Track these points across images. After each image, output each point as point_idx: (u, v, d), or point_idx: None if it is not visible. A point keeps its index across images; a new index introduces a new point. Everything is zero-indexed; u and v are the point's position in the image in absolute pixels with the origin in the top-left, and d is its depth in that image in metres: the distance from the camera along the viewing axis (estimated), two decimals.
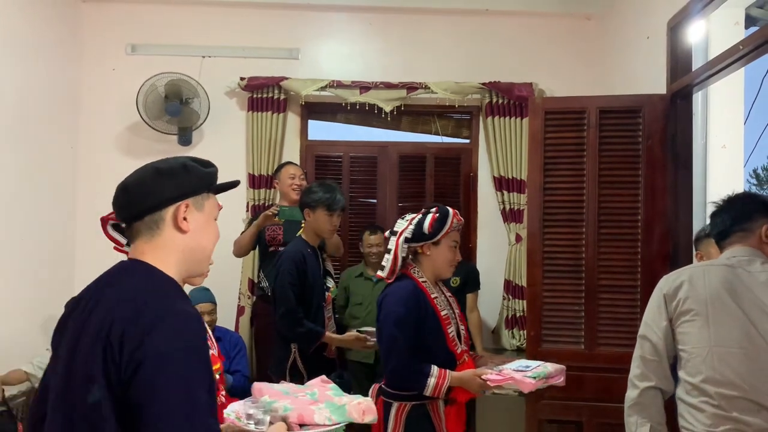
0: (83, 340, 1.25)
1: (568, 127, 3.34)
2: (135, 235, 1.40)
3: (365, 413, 1.87)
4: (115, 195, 1.43)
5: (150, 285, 1.31)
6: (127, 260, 1.40)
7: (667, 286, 2.17)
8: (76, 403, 1.22)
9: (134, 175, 1.43)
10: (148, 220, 1.38)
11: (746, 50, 2.67)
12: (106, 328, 1.21)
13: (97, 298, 1.31)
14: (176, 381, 1.18)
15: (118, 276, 1.36)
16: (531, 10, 4.72)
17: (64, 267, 4.51)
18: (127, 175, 1.45)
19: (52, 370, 1.33)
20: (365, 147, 4.90)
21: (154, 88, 4.42)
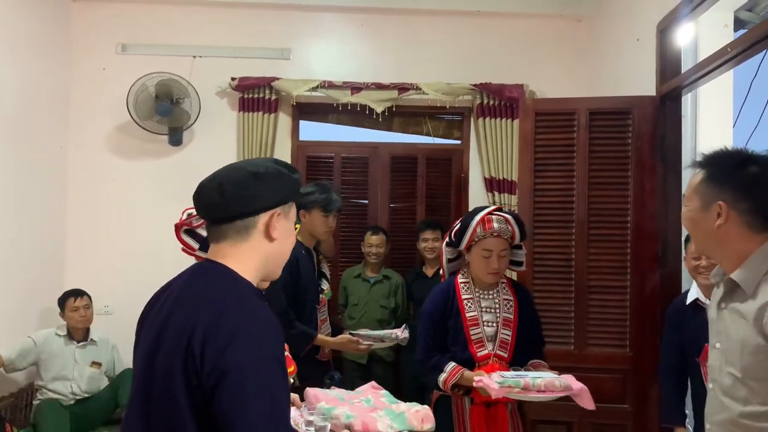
0: (164, 341, 1.25)
1: (559, 129, 3.36)
2: (220, 237, 1.36)
3: (424, 421, 1.88)
4: (204, 193, 1.36)
5: (231, 290, 1.29)
6: (208, 261, 1.37)
7: None
8: (155, 399, 1.23)
9: (228, 175, 1.35)
10: (239, 225, 1.34)
11: (735, 52, 2.69)
12: (187, 332, 1.21)
13: (176, 298, 1.31)
14: (262, 392, 1.18)
15: (198, 278, 1.35)
16: (522, 11, 4.73)
17: (54, 265, 4.49)
18: (214, 173, 1.39)
19: (134, 364, 1.37)
20: (357, 148, 4.90)
21: (145, 88, 4.40)
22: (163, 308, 1.32)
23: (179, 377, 1.19)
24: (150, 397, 1.25)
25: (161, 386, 1.23)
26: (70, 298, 3.92)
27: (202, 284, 1.32)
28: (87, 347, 3.96)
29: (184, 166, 4.65)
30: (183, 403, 1.19)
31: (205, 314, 1.22)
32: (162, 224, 4.59)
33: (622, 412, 3.21)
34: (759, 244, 1.56)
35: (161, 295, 1.40)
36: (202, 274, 1.35)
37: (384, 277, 4.29)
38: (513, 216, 2.61)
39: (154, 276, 4.90)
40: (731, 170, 1.59)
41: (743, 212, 1.57)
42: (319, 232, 3.28)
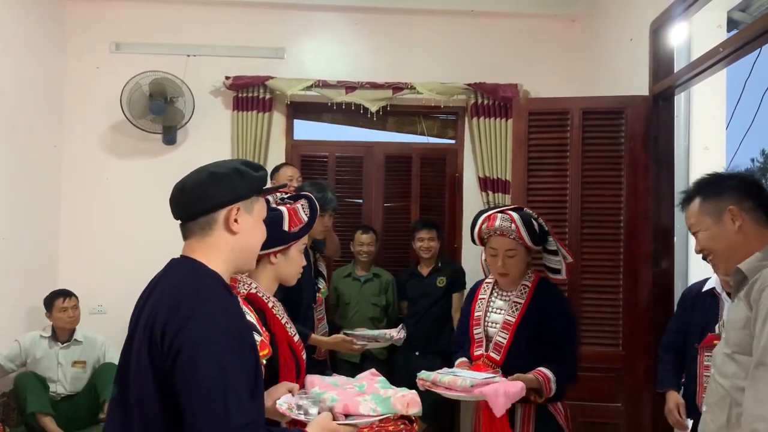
0: (137, 332, 1.36)
1: (552, 128, 3.36)
2: (188, 234, 1.48)
3: (410, 405, 1.92)
4: (172, 194, 1.52)
5: (191, 279, 1.39)
6: (178, 258, 1.48)
7: None
8: (130, 386, 1.33)
9: (191, 176, 1.51)
10: (201, 221, 1.45)
11: (727, 52, 2.70)
12: (151, 319, 1.33)
13: (149, 294, 1.43)
14: (212, 365, 1.26)
15: (168, 272, 1.46)
16: (516, 11, 4.74)
17: (48, 265, 4.49)
18: (184, 176, 1.55)
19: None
20: (351, 147, 4.90)
21: (139, 87, 4.39)
22: (139, 304, 1.44)
23: (146, 364, 1.30)
24: (126, 385, 1.35)
25: (134, 374, 1.33)
26: (58, 298, 3.88)
27: (169, 279, 1.43)
28: (70, 347, 3.92)
29: (178, 165, 4.58)
30: (151, 386, 1.29)
31: (166, 304, 1.33)
32: (155, 223, 4.59)
33: (614, 411, 3.22)
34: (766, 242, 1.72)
35: (141, 295, 1.50)
36: (173, 270, 1.45)
37: (374, 275, 4.31)
38: (521, 216, 2.51)
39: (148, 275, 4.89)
40: (721, 183, 1.82)
41: (750, 210, 1.75)
42: (314, 231, 3.27)
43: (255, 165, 1.57)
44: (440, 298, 4.22)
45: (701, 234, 1.83)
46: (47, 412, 3.66)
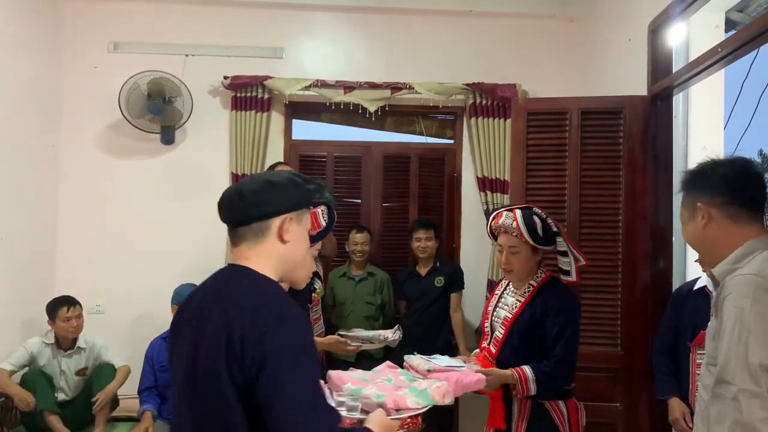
0: (204, 341, 1.35)
1: (551, 128, 3.37)
2: (240, 239, 1.49)
3: (445, 396, 2.03)
4: (226, 198, 1.51)
5: (260, 288, 1.42)
6: (235, 265, 1.48)
7: None
8: (203, 400, 1.33)
9: (247, 183, 1.52)
10: (255, 227, 1.47)
11: (725, 52, 2.71)
12: (225, 330, 1.32)
13: (210, 301, 1.41)
14: (299, 375, 1.30)
15: (227, 280, 1.46)
16: (515, 11, 4.74)
17: (46, 264, 4.48)
18: (236, 182, 1.58)
19: (174, 370, 1.46)
20: (349, 147, 4.90)
21: (137, 87, 4.39)
22: (196, 312, 1.42)
23: (224, 374, 1.30)
24: (197, 398, 1.35)
25: (207, 386, 1.32)
26: (62, 307, 3.78)
27: (232, 286, 1.42)
28: (73, 356, 3.87)
29: (177, 164, 4.64)
30: (230, 397, 1.29)
31: (239, 313, 1.33)
32: (154, 223, 4.61)
33: (612, 411, 3.22)
34: (745, 237, 1.63)
35: (192, 299, 1.50)
36: (231, 277, 1.47)
37: (369, 274, 4.31)
38: (524, 214, 2.55)
39: (146, 275, 4.92)
40: (701, 175, 1.73)
41: (722, 206, 1.66)
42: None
43: (306, 178, 1.61)
44: (438, 298, 4.23)
45: (682, 227, 1.80)
46: (55, 410, 3.65)
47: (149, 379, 3.93)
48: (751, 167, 1.70)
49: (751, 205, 1.66)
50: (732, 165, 1.71)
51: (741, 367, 1.47)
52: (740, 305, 1.51)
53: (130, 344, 4.22)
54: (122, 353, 4.05)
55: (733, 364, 1.49)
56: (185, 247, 4.57)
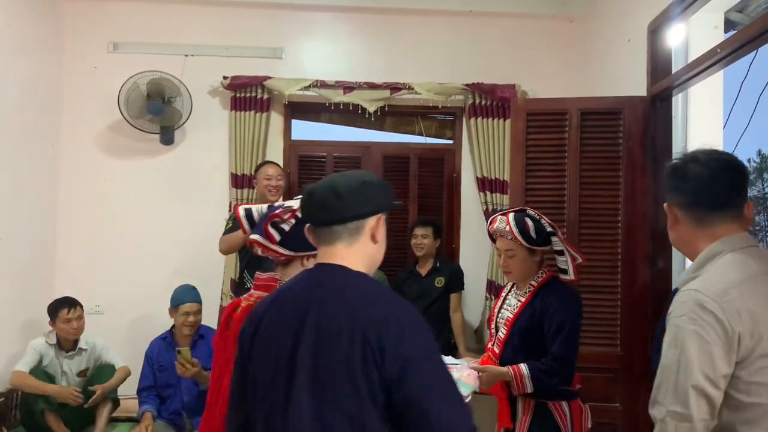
0: (329, 341, 1.34)
1: (550, 129, 3.37)
2: (333, 239, 1.47)
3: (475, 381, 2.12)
4: (318, 196, 1.47)
5: (376, 289, 1.44)
6: (335, 265, 1.46)
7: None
8: (331, 394, 1.32)
9: (341, 181, 1.49)
10: (352, 226, 1.47)
11: (725, 53, 2.71)
12: (360, 330, 1.32)
13: (314, 303, 1.39)
14: (441, 374, 1.34)
15: (343, 280, 1.44)
16: (514, 12, 4.74)
17: (46, 265, 4.48)
18: (321, 181, 1.51)
19: (259, 369, 1.43)
20: (349, 147, 4.90)
21: (136, 87, 4.39)
22: (292, 315, 1.40)
23: (359, 370, 1.30)
24: (318, 393, 1.33)
25: (338, 380, 1.31)
26: (63, 309, 3.78)
27: (352, 287, 1.42)
28: (75, 358, 3.88)
29: (176, 165, 4.65)
30: (365, 396, 1.30)
31: (371, 314, 1.34)
32: (153, 223, 4.61)
33: (612, 411, 3.23)
34: (711, 239, 1.55)
35: (272, 304, 1.48)
36: (345, 278, 1.44)
37: None
38: (516, 217, 2.57)
39: (146, 275, 4.92)
40: (670, 173, 1.63)
41: (686, 208, 1.58)
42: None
43: (382, 181, 1.61)
44: (438, 299, 4.23)
45: None
46: (55, 410, 3.65)
47: (149, 379, 3.92)
48: (717, 165, 1.56)
49: (716, 205, 1.55)
50: (699, 163, 1.57)
51: (672, 388, 1.42)
52: (677, 324, 1.45)
53: (130, 345, 4.22)
54: (122, 354, 4.05)
55: (665, 384, 1.44)
56: (185, 247, 4.57)
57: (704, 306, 1.40)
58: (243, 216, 2.08)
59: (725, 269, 1.48)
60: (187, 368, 3.58)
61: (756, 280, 1.45)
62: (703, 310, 1.40)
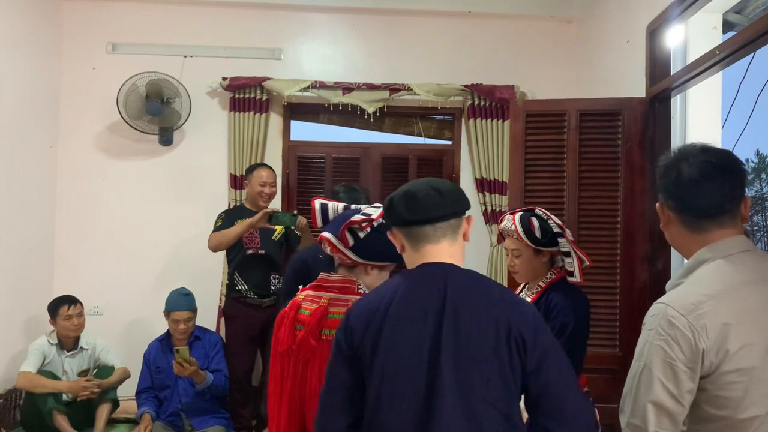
0: (472, 334, 1.41)
1: (549, 130, 3.37)
2: (439, 236, 1.53)
3: None
4: (421, 194, 1.53)
5: (499, 286, 1.53)
6: (446, 263, 1.52)
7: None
8: (480, 393, 1.39)
9: (436, 182, 1.57)
10: (453, 223, 1.53)
11: (723, 54, 2.71)
12: (505, 325, 1.41)
13: (440, 296, 1.44)
14: (569, 366, 1.46)
15: (459, 277, 1.49)
16: (513, 13, 4.75)
17: (44, 266, 4.47)
18: (412, 184, 1.59)
19: (393, 368, 1.44)
20: (348, 148, 4.90)
21: (135, 88, 4.39)
22: (427, 313, 1.44)
23: (506, 366, 1.39)
24: (465, 386, 1.39)
25: (482, 380, 1.39)
26: (63, 306, 3.80)
27: (481, 285, 1.50)
28: (76, 356, 3.89)
29: (175, 165, 4.64)
30: (512, 387, 1.40)
31: (509, 310, 1.44)
32: (152, 224, 4.61)
33: (611, 412, 3.21)
34: (700, 245, 1.50)
35: (395, 302, 1.49)
36: (458, 275, 1.49)
37: None
38: (521, 217, 2.55)
39: (145, 276, 4.91)
40: (662, 172, 1.55)
41: (676, 211, 1.52)
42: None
43: None
44: None
45: None
46: (62, 410, 3.65)
47: (147, 381, 3.93)
48: (709, 169, 1.47)
49: (707, 214, 1.48)
50: (690, 164, 1.49)
51: (632, 400, 1.44)
52: (645, 337, 1.45)
53: (129, 346, 4.23)
54: (121, 355, 4.06)
55: (628, 396, 1.46)
56: (184, 248, 4.57)
57: (672, 322, 1.39)
58: (318, 210, 2.06)
59: (708, 278, 1.44)
60: (185, 367, 3.58)
61: (737, 290, 1.41)
62: (671, 325, 1.39)
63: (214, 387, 3.80)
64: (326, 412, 1.53)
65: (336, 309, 1.89)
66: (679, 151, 1.56)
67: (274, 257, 4.02)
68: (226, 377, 3.88)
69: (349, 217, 1.96)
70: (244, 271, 3.95)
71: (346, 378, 1.51)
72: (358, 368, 1.49)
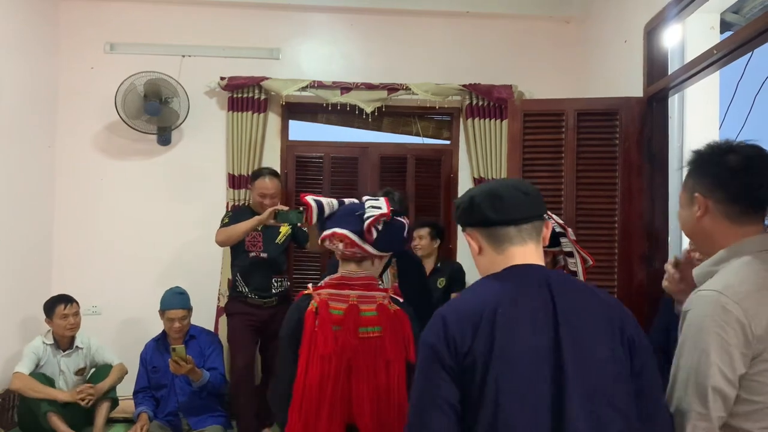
0: (593, 335, 1.38)
1: (547, 129, 3.37)
2: (526, 238, 1.48)
3: None
4: (508, 195, 1.48)
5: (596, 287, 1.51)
6: (540, 265, 1.48)
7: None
8: (603, 396, 1.36)
9: (518, 183, 1.54)
10: (537, 225, 1.50)
11: (721, 54, 2.72)
12: (618, 325, 1.41)
13: (548, 300, 1.40)
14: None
15: (560, 279, 1.45)
16: (511, 12, 4.75)
17: (42, 265, 4.47)
18: (490, 184, 1.54)
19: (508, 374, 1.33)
20: (346, 148, 4.90)
21: (133, 87, 4.38)
22: (539, 316, 1.38)
23: (624, 368, 1.39)
24: (594, 397, 1.35)
25: (605, 382, 1.36)
26: (59, 305, 3.81)
27: (588, 289, 1.47)
28: (72, 355, 3.89)
29: (173, 165, 4.64)
30: (630, 388, 1.38)
31: (619, 313, 1.43)
32: (150, 224, 4.61)
33: None
34: (739, 237, 1.52)
35: (497, 309, 1.37)
36: (558, 278, 1.46)
37: None
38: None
39: (143, 276, 4.91)
40: (708, 161, 1.56)
41: (720, 202, 1.52)
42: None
43: None
44: (440, 299, 4.22)
45: (679, 209, 1.66)
46: (59, 412, 3.64)
47: (144, 381, 3.93)
48: (763, 162, 1.52)
49: (753, 204, 1.52)
50: (743, 157, 1.52)
51: (692, 387, 1.43)
52: (700, 324, 1.44)
53: (127, 345, 4.22)
54: (119, 354, 4.05)
55: (683, 384, 1.46)
56: (182, 247, 4.57)
57: (726, 308, 1.42)
58: (315, 207, 2.06)
59: (746, 272, 1.47)
60: (181, 365, 3.59)
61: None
62: (725, 311, 1.41)
63: (211, 385, 3.80)
64: (419, 418, 1.35)
65: (366, 306, 1.90)
66: (715, 144, 1.58)
67: (276, 261, 3.97)
68: (222, 375, 3.89)
69: (356, 211, 1.99)
70: (246, 274, 3.93)
71: (451, 393, 1.33)
72: (459, 380, 1.34)
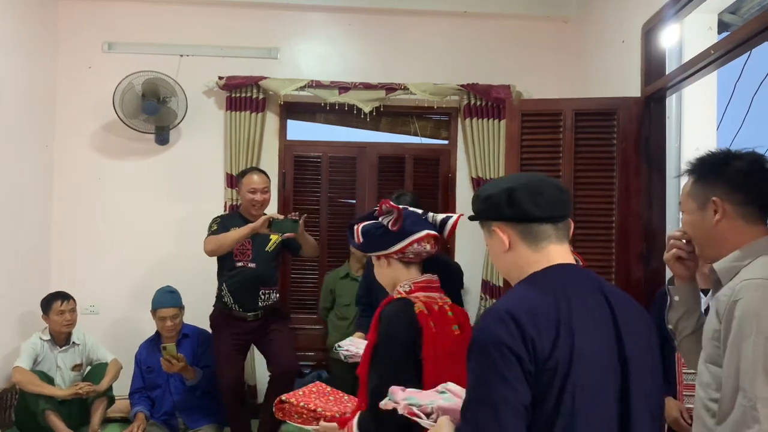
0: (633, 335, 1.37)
1: (545, 129, 3.37)
2: (561, 237, 1.45)
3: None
4: (550, 192, 1.43)
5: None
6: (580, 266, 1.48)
7: None
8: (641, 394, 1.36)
9: (550, 179, 1.50)
10: (569, 223, 1.48)
11: (718, 54, 2.72)
12: (653, 333, 1.45)
13: (605, 303, 1.38)
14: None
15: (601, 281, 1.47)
16: (509, 12, 4.75)
17: (40, 265, 4.47)
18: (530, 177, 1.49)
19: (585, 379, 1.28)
20: (344, 147, 4.90)
21: (131, 87, 4.38)
22: (602, 322, 1.36)
23: (659, 374, 1.44)
24: (649, 398, 1.37)
25: (649, 388, 1.38)
26: (56, 301, 3.83)
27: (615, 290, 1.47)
28: (68, 351, 3.92)
29: (171, 165, 4.64)
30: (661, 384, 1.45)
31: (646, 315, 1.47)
32: (148, 223, 4.60)
33: None
34: (755, 236, 1.58)
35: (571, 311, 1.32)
36: (600, 280, 1.47)
37: None
38: None
39: (141, 275, 4.91)
40: (718, 167, 1.63)
41: (737, 204, 1.59)
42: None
43: None
44: None
45: (684, 216, 1.74)
46: (55, 409, 3.65)
47: (139, 381, 3.94)
48: (765, 163, 1.62)
49: (764, 204, 1.60)
50: (749, 160, 1.62)
51: (761, 375, 1.43)
52: (756, 311, 1.45)
53: (125, 344, 4.22)
54: (117, 354, 4.06)
55: (751, 372, 1.44)
56: (180, 247, 4.56)
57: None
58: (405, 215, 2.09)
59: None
60: (172, 363, 3.59)
61: None
62: None
63: (204, 382, 3.80)
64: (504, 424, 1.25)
65: (447, 308, 1.95)
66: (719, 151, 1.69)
67: (265, 272, 3.77)
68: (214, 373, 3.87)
69: (421, 215, 2.09)
70: (232, 285, 3.74)
71: (526, 397, 1.25)
72: (535, 384, 1.26)
